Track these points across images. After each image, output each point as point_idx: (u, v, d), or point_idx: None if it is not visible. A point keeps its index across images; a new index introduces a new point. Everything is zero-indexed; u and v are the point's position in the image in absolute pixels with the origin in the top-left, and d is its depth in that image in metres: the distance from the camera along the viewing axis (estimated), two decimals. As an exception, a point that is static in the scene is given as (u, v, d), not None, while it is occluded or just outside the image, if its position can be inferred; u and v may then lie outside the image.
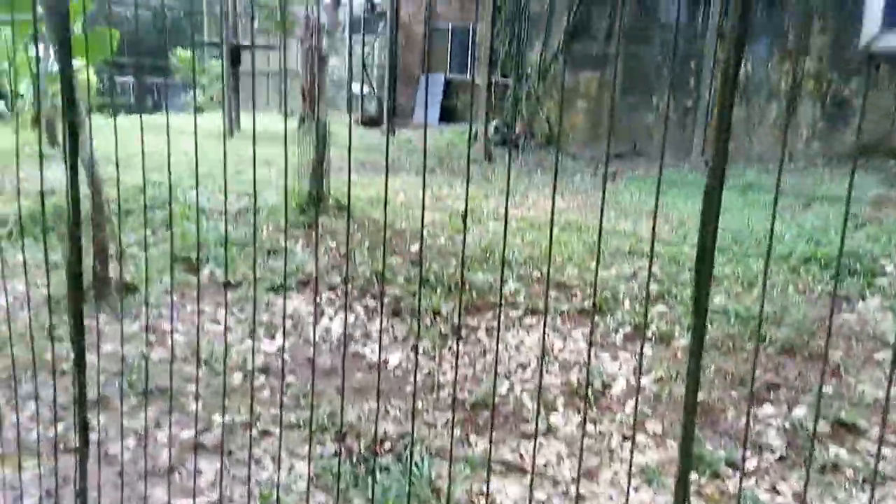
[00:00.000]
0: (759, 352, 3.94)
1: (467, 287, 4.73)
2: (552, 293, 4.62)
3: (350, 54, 16.37)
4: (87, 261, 5.14)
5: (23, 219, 6.19)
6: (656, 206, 1.48)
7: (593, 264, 5.06)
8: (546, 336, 4.12)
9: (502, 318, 4.39)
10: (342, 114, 16.61)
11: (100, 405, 3.20)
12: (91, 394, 3.54)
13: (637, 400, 2.41)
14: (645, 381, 3.57)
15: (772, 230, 1.41)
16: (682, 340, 3.95)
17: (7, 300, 3.83)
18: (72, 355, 3.42)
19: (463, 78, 17.05)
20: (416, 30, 17.85)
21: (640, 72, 12.01)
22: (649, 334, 4.02)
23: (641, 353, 2.36)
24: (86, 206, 5.21)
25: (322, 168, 6.80)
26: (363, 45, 17.58)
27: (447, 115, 16.94)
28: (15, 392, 2.83)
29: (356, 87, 17.31)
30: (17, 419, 2.91)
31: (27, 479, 2.85)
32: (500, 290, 4.64)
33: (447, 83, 17.17)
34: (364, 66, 17.53)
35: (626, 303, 4.45)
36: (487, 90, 11.98)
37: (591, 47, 12.76)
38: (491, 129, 12.73)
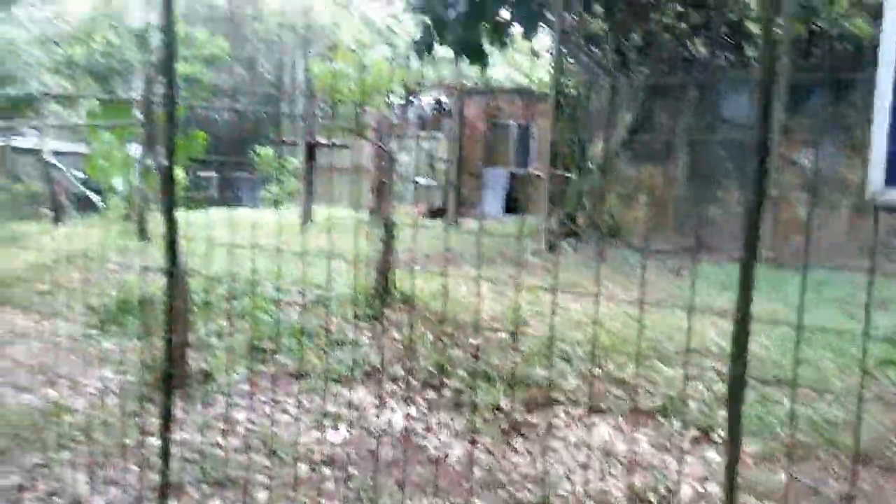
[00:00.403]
0: (832, 460, 3.81)
1: (528, 382, 4.77)
2: (614, 391, 4.61)
3: (417, 150, 17.08)
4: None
5: (112, 309, 6.61)
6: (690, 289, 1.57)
7: (656, 362, 5.04)
8: (608, 437, 4.10)
9: (563, 415, 4.39)
10: (408, 206, 17.18)
11: (176, 492, 3.35)
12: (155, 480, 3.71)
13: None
14: (712, 488, 3.50)
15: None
16: (753, 446, 3.87)
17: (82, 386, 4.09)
18: (152, 442, 3.62)
19: (525, 172, 17.48)
20: (480, 126, 18.54)
21: (704, 165, 12.11)
22: (716, 438, 3.95)
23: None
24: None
25: (388, 262, 7.06)
26: (430, 141, 18.33)
27: (511, 208, 17.30)
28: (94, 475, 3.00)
29: (422, 180, 17.94)
30: None
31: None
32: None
33: (511, 177, 17.62)
34: (431, 160, 18.21)
35: (692, 404, 4.40)
36: (549, 184, 12.25)
37: (654, 141, 12.98)
38: (553, 222, 12.94)
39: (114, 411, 4.43)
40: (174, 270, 1.86)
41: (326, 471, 3.91)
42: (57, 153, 17.16)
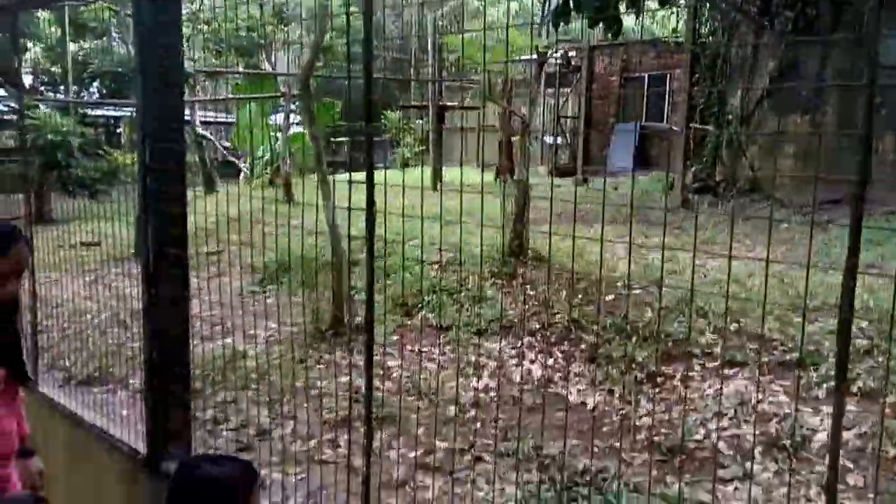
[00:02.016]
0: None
1: (663, 336, 4.91)
2: (751, 345, 4.66)
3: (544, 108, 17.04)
4: (325, 304, 6.02)
5: (270, 269, 7.32)
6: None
7: (795, 317, 5.01)
8: (744, 387, 4.19)
9: (698, 368, 4.52)
10: (536, 164, 17.24)
11: (346, 426, 3.85)
12: (332, 416, 4.24)
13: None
14: (848, 434, 3.55)
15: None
16: (891, 397, 3.85)
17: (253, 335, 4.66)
18: (317, 383, 4.14)
19: (659, 126, 17.00)
20: (611, 80, 18.15)
21: (857, 113, 11.33)
22: (855, 389, 3.95)
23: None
24: (325, 256, 6.12)
25: (522, 221, 7.31)
26: (557, 99, 18.19)
27: (642, 164, 16.92)
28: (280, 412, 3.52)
29: (549, 139, 17.90)
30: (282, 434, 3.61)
31: (290, 484, 3.52)
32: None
33: (642, 131, 17.21)
34: (558, 118, 18.10)
35: (831, 357, 4.38)
36: (685, 137, 11.93)
37: (800, 89, 12.26)
38: (689, 176, 12.61)
39: (284, 357, 5.02)
40: (371, 240, 2.13)
41: (473, 412, 4.29)
42: (205, 123, 18.60)
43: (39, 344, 4.06)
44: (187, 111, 19.16)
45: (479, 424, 4.11)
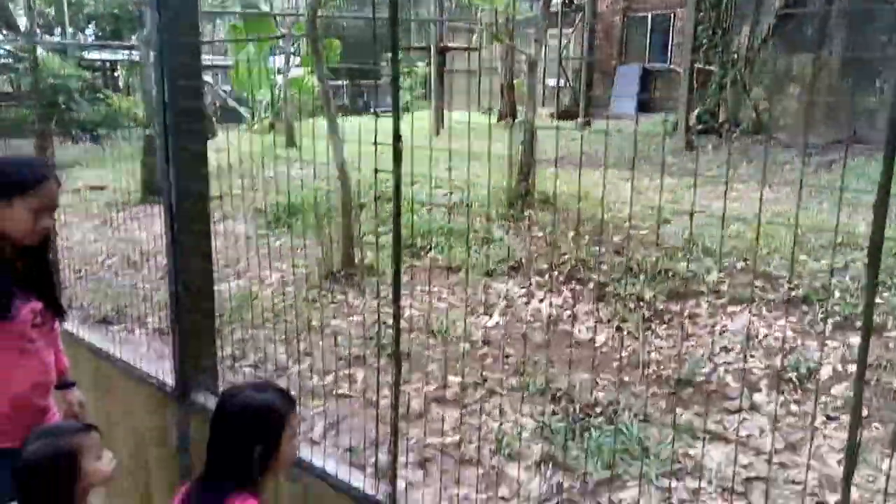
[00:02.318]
0: None
1: (670, 275, 4.97)
2: (757, 283, 4.73)
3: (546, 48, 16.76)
4: (333, 247, 6.07)
5: (276, 212, 7.34)
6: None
7: (802, 256, 5.07)
8: (750, 323, 4.28)
9: (705, 305, 4.59)
10: (538, 107, 17.06)
11: (360, 363, 3.94)
12: (346, 352, 4.33)
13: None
14: (853, 367, 3.64)
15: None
16: (896, 332, 3.93)
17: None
18: (327, 321, 4.20)
19: (662, 67, 16.77)
20: (613, 20, 17.82)
21: (862, 51, 11.18)
22: (859, 324, 4.03)
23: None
24: (332, 199, 6.14)
25: (529, 164, 7.31)
26: (560, 39, 17.88)
27: (645, 106, 16.76)
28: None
29: (552, 81, 17.67)
30: (298, 370, 3.70)
31: (309, 416, 3.63)
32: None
33: (645, 73, 16.98)
34: (560, 59, 17.83)
35: (836, 293, 4.46)
36: (689, 78, 11.79)
37: (806, 27, 12.07)
38: (692, 118, 12.51)
39: (295, 297, 5.09)
40: (398, 172, 2.12)
41: (484, 349, 4.39)
42: (204, 67, 18.29)
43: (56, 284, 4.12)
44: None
45: (490, 360, 4.21)
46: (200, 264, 2.48)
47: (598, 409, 3.50)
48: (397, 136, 1.99)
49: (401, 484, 2.36)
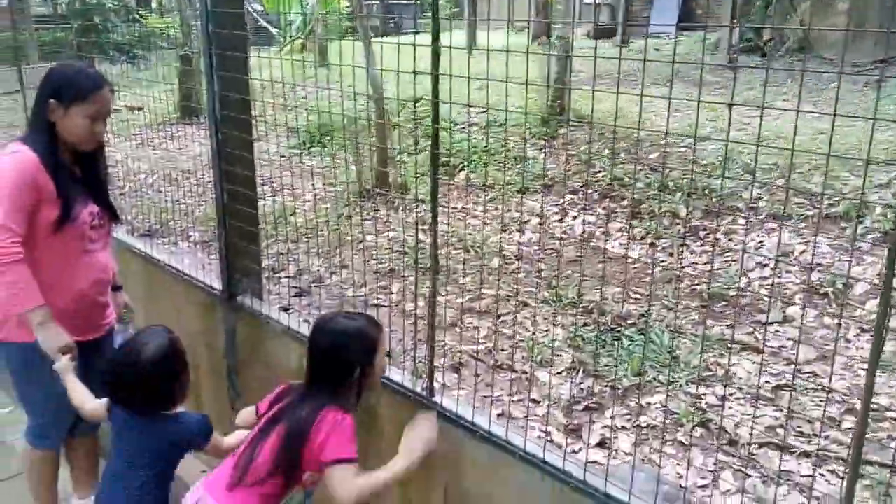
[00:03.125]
0: None
1: (706, 192, 4.93)
2: (795, 199, 4.67)
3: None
4: (367, 165, 6.10)
5: (311, 132, 7.36)
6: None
7: (844, 173, 4.96)
8: (787, 240, 4.25)
9: (742, 222, 4.56)
10: (574, 26, 16.52)
11: (393, 276, 4.03)
12: (378, 267, 4.42)
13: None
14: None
15: None
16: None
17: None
18: (362, 236, 4.27)
19: (707, -18, 16.03)
20: (656, -68, 16.98)
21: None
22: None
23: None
24: (366, 118, 6.13)
25: (563, 82, 7.16)
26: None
27: (687, 20, 16.16)
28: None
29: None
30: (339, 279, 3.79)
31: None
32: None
33: (688, -12, 16.28)
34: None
35: (878, 210, 4.38)
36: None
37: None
38: (735, 36, 12.04)
39: (330, 214, 5.17)
40: (437, 74, 2.09)
41: (517, 264, 4.44)
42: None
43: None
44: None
45: (522, 275, 4.26)
46: (244, 171, 2.53)
47: (630, 321, 3.56)
48: (436, 37, 1.98)
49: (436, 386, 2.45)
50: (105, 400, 2.02)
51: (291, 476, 1.84)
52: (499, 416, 2.65)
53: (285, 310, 2.66)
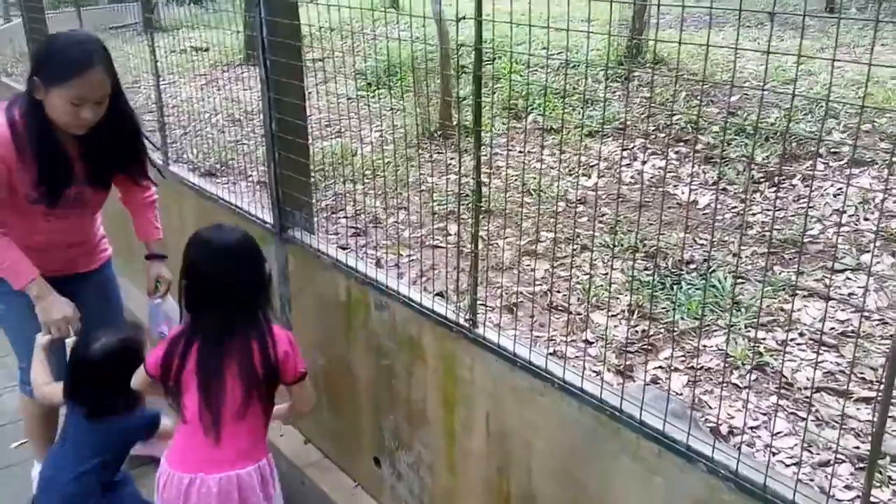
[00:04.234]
0: None
1: (788, 136, 4.65)
2: (883, 144, 4.35)
3: None
4: (431, 107, 6.04)
5: (377, 73, 7.33)
6: None
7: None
8: (869, 185, 3.97)
9: (821, 167, 4.29)
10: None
11: (456, 217, 4.00)
12: (439, 208, 4.40)
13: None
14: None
15: None
16: None
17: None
18: (423, 178, 4.24)
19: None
20: None
21: None
22: None
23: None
24: (432, 59, 6.04)
25: (640, 22, 6.84)
26: None
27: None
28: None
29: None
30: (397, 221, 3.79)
31: (403, 262, 3.76)
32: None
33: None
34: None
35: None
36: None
37: None
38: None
39: (393, 155, 5.16)
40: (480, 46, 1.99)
41: (580, 208, 4.33)
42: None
43: (166, 139, 4.35)
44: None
45: (584, 219, 4.16)
46: (294, 98, 2.52)
47: (692, 266, 3.43)
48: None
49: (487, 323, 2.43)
50: (62, 384, 2.15)
51: (270, 398, 1.96)
52: (550, 354, 2.62)
53: (343, 248, 2.68)
